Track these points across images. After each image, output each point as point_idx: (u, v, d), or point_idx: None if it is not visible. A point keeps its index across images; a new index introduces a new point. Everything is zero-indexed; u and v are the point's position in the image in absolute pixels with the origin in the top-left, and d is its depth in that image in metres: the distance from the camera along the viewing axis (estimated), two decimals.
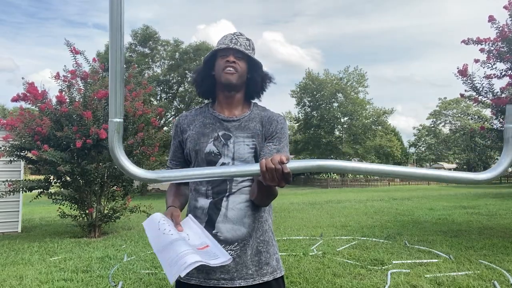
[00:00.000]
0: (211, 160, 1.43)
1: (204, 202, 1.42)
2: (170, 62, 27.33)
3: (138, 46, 27.09)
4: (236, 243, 1.39)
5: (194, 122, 1.51)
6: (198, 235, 1.30)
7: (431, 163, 54.37)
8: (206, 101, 1.61)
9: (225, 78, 1.43)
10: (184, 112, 1.60)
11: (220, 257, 1.19)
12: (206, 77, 1.50)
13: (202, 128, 1.48)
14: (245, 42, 1.48)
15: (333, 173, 39.00)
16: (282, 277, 1.49)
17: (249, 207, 1.42)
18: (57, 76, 7.19)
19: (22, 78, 7.24)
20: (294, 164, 1.13)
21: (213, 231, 1.38)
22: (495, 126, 7.75)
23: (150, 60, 27.36)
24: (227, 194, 1.41)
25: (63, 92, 7.13)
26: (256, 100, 1.57)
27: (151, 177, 1.17)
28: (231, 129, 1.45)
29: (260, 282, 1.40)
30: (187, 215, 1.49)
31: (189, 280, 1.40)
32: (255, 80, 1.49)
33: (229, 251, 1.37)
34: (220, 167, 1.23)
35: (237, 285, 1.38)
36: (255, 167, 1.16)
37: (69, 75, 7.24)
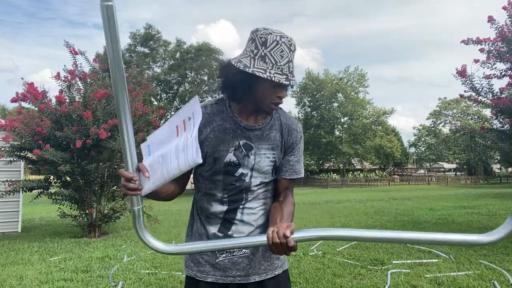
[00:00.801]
0: (229, 170, 1.39)
1: (220, 208, 1.43)
2: (171, 62, 27.31)
3: (138, 47, 27.06)
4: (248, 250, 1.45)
5: (212, 123, 1.38)
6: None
7: (431, 163, 54.35)
8: (218, 95, 1.49)
9: (270, 110, 1.37)
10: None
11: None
12: (247, 87, 1.31)
13: (222, 133, 1.38)
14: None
15: (333, 173, 39.03)
16: (287, 270, 1.56)
17: (263, 209, 1.46)
18: (57, 76, 7.19)
19: (22, 78, 7.24)
20: (298, 235, 1.20)
21: (228, 232, 1.43)
22: (495, 126, 7.75)
23: (150, 60, 27.33)
24: (243, 202, 1.43)
25: (63, 92, 7.13)
26: None
27: (172, 250, 1.33)
28: (252, 139, 1.39)
29: (272, 275, 1.47)
30: (198, 217, 1.51)
31: (206, 278, 1.44)
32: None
33: (244, 250, 1.43)
34: (231, 240, 1.30)
35: (252, 281, 1.44)
36: (262, 238, 1.23)
37: (69, 75, 7.24)
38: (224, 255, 1.43)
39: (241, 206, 1.42)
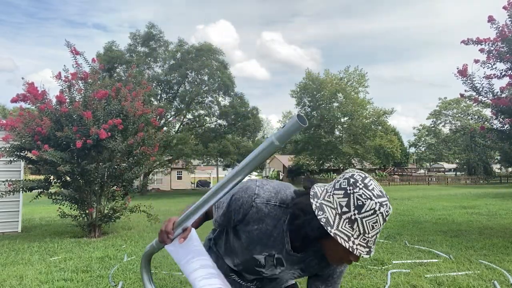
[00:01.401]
0: (253, 263, 1.36)
1: (232, 266, 1.47)
2: (171, 62, 27.28)
3: (138, 47, 27.03)
4: (255, 281, 1.50)
5: (262, 223, 1.25)
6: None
7: (431, 163, 54.31)
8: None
9: (333, 263, 1.26)
10: (262, 197, 1.25)
11: None
12: (318, 241, 1.17)
13: (265, 237, 1.27)
14: None
15: (333, 173, 39.01)
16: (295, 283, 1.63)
17: None
18: (58, 76, 7.19)
19: (22, 78, 7.24)
20: None
21: (236, 270, 1.47)
22: (495, 126, 7.75)
23: (151, 60, 27.29)
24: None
25: (64, 92, 7.13)
26: None
27: None
28: (288, 261, 1.32)
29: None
30: (214, 248, 1.54)
31: None
32: None
33: (251, 286, 1.51)
34: None
35: None
36: None
37: (69, 76, 7.24)
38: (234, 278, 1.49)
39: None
